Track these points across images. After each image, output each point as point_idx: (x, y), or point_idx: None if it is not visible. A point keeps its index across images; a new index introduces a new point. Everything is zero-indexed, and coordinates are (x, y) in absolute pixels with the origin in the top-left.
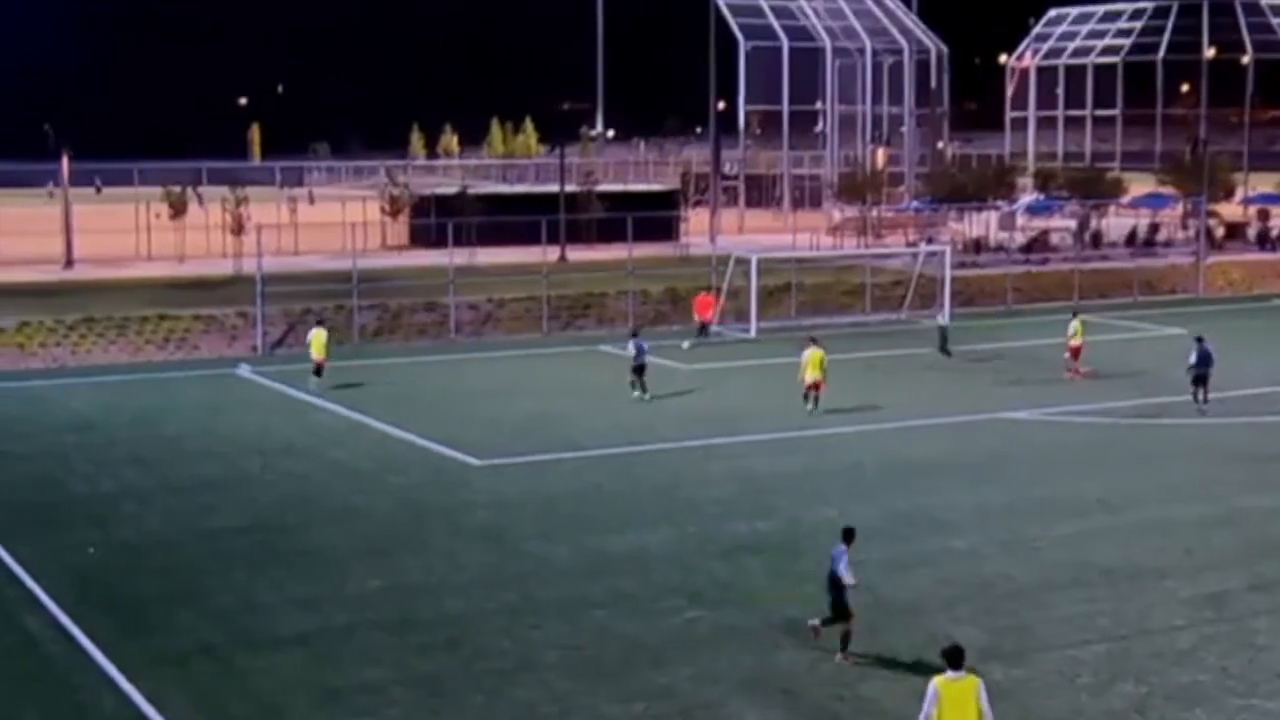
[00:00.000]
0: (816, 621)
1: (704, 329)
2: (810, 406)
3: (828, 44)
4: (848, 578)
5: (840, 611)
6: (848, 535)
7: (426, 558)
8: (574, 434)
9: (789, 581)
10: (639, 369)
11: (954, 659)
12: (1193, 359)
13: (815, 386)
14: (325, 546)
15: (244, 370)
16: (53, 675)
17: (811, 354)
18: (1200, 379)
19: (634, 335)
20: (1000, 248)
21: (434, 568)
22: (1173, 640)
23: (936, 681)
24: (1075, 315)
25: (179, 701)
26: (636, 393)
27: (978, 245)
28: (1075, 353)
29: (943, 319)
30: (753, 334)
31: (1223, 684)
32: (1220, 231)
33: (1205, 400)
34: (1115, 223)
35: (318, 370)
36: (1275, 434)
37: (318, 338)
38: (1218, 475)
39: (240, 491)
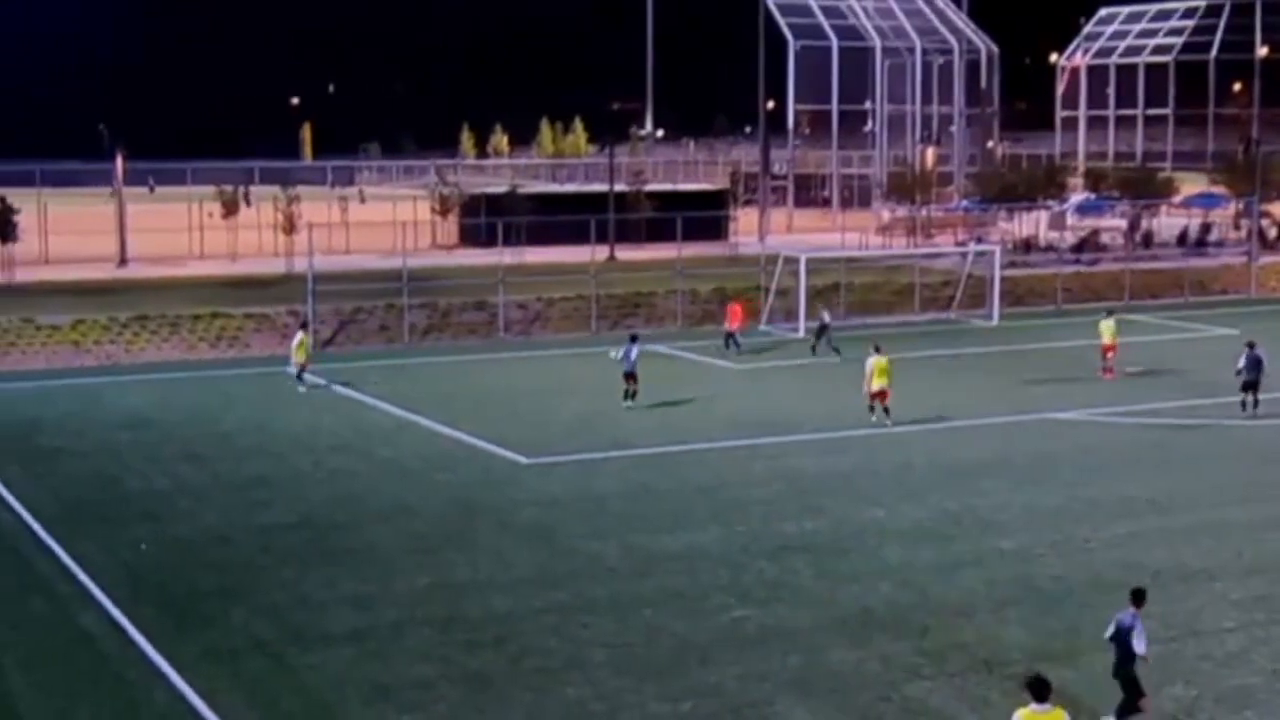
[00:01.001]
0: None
1: (730, 338)
2: (875, 417)
3: (877, 43)
4: (1140, 647)
5: (1133, 691)
6: (1138, 598)
7: (475, 556)
8: (622, 433)
9: (837, 581)
10: (630, 375)
11: (1038, 691)
12: (1241, 364)
13: (881, 396)
14: (375, 544)
15: (292, 371)
16: (106, 670)
17: (876, 362)
18: (1250, 385)
19: (633, 340)
20: (1050, 247)
21: (482, 566)
22: (1223, 642)
23: (1019, 715)
24: (1109, 314)
25: (231, 697)
26: (627, 401)
27: (1027, 245)
28: (1107, 351)
29: (826, 316)
30: (800, 334)
31: (1273, 686)
32: (1273, 232)
33: (1256, 406)
34: (1166, 222)
35: (300, 373)
36: None
37: (301, 342)
38: (1269, 477)
39: (292, 489)
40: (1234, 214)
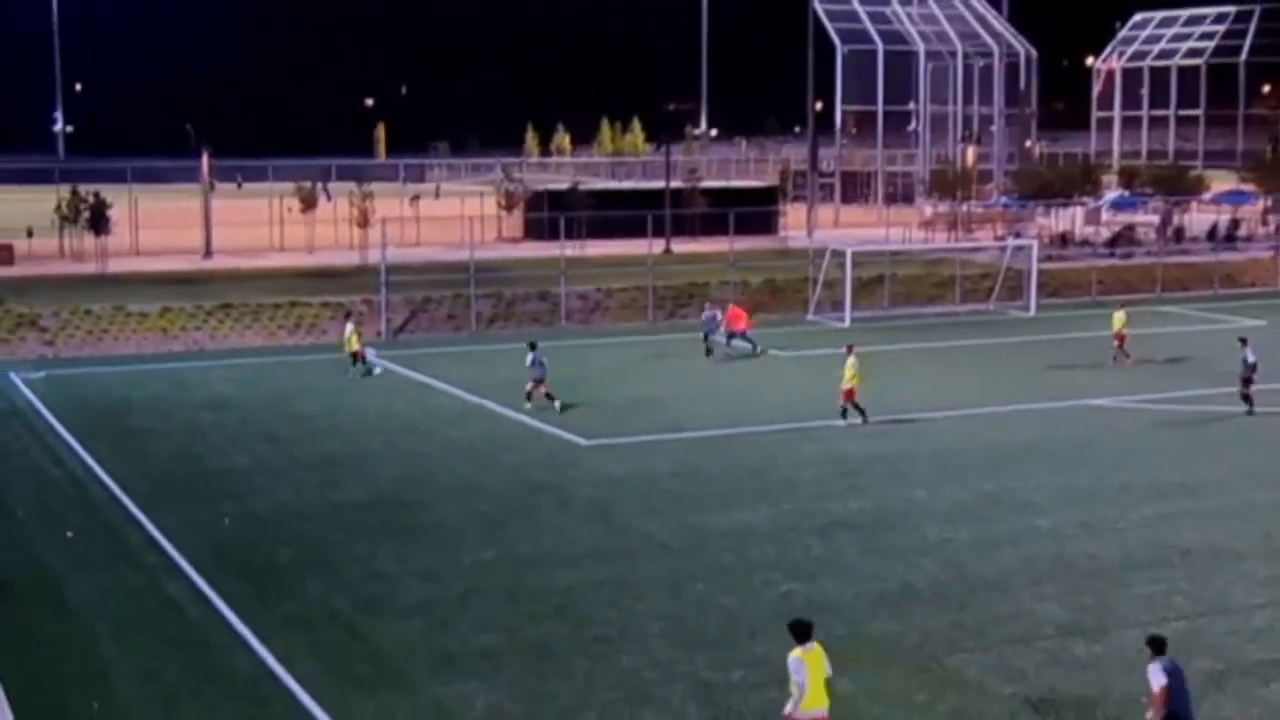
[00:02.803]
0: None
1: (732, 338)
2: (844, 421)
3: (920, 47)
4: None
5: None
6: (1157, 646)
7: (537, 532)
8: (676, 417)
9: (881, 557)
10: (539, 381)
11: (801, 633)
12: (1252, 358)
13: (849, 394)
14: (443, 520)
15: (371, 355)
16: (192, 636)
17: (852, 362)
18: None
19: (532, 348)
20: (1085, 242)
21: (544, 541)
22: (1249, 619)
23: (794, 654)
24: (1121, 307)
25: (307, 662)
26: (557, 402)
27: (1064, 239)
28: (1121, 340)
29: (709, 312)
30: (846, 323)
31: None
32: None
33: (1246, 401)
34: (1197, 218)
35: (355, 358)
36: None
37: (351, 334)
38: None
39: (364, 468)
40: (1262, 210)
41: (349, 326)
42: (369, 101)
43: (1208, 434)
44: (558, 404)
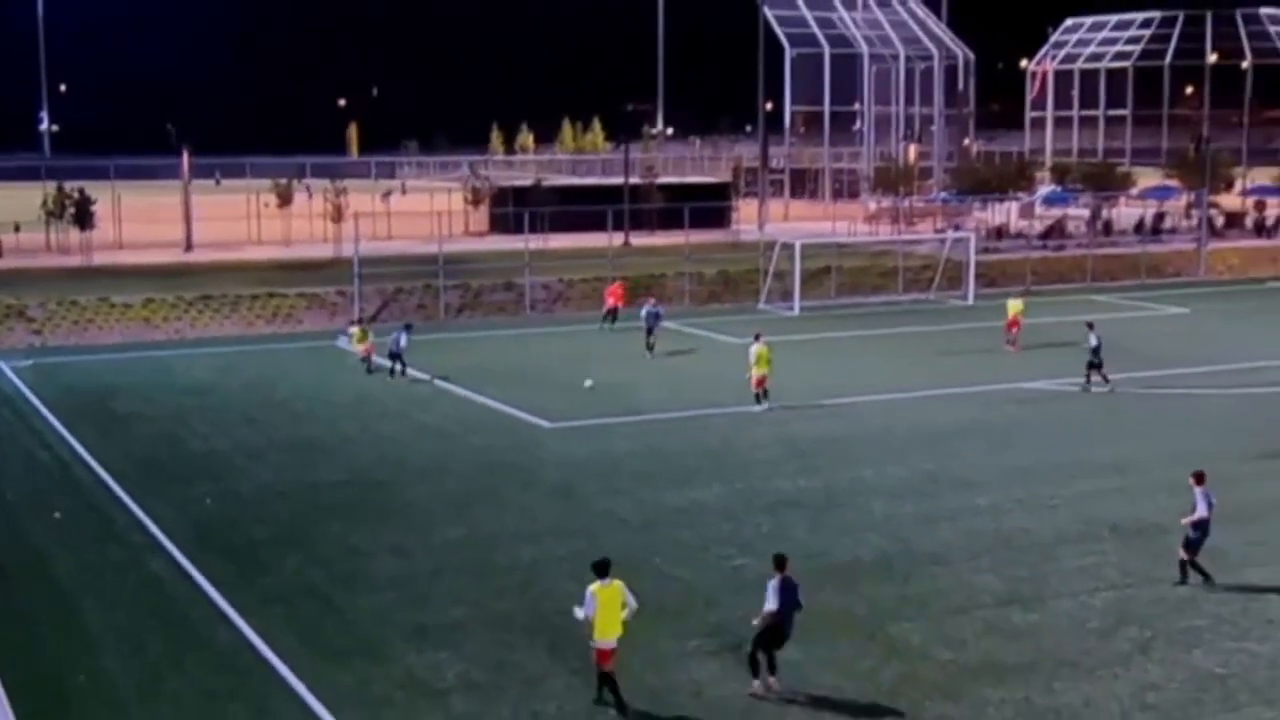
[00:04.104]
0: None
1: (611, 315)
2: (758, 407)
3: (865, 51)
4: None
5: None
6: (779, 563)
7: (503, 511)
8: (635, 400)
9: (829, 533)
10: (395, 355)
11: (601, 569)
12: (1094, 341)
13: (761, 382)
14: (414, 500)
15: (343, 342)
16: (175, 611)
17: (758, 350)
18: (1095, 356)
19: (407, 328)
20: (1020, 234)
21: (509, 520)
22: (1173, 590)
23: (592, 588)
24: (1018, 296)
25: (285, 636)
26: (393, 376)
27: (1000, 232)
28: (1014, 326)
29: (650, 307)
30: (795, 312)
31: (1218, 629)
32: (1220, 220)
33: (1106, 381)
34: (1125, 212)
35: (367, 358)
36: (1268, 404)
37: (356, 335)
38: (1217, 441)
39: (340, 450)
40: (1185, 204)
41: (354, 329)
42: (342, 102)
43: (1134, 415)
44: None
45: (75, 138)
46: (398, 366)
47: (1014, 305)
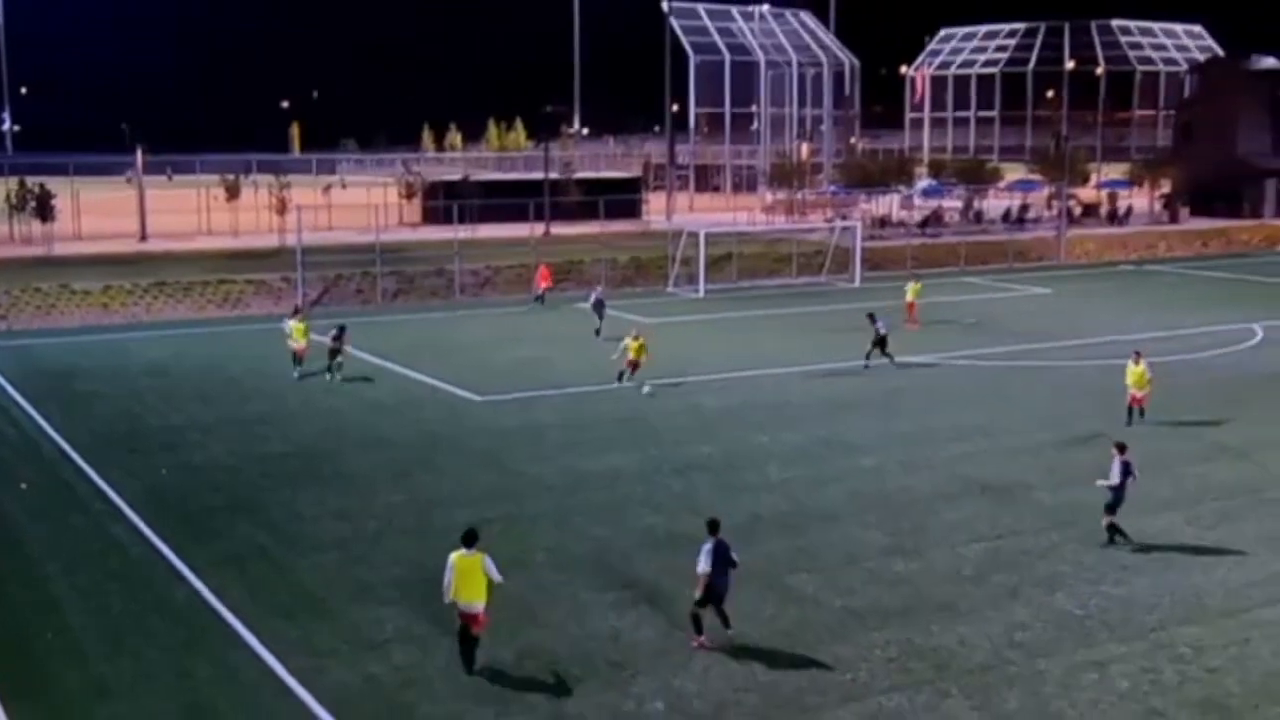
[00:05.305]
0: None
1: (541, 297)
2: (626, 381)
3: (761, 58)
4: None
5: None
6: (712, 527)
7: (439, 477)
8: (558, 376)
9: (731, 493)
10: (335, 352)
11: (467, 540)
12: (883, 330)
13: (634, 366)
14: (357, 468)
15: (288, 325)
16: (135, 573)
17: (631, 342)
18: (881, 342)
19: (342, 329)
20: (901, 223)
21: (444, 485)
22: (1038, 540)
23: (453, 557)
24: (914, 279)
25: (238, 593)
26: (330, 376)
27: (883, 221)
28: (910, 308)
29: (597, 295)
30: (701, 294)
31: (1079, 574)
32: (1078, 210)
33: (892, 359)
34: (993, 203)
35: (297, 357)
36: (1117, 374)
37: (297, 330)
38: (1074, 408)
39: (287, 424)
40: (1047, 196)
41: (292, 324)
42: (285, 104)
43: (1003, 385)
44: (329, 376)
45: (36, 137)
46: (335, 365)
47: (912, 288)
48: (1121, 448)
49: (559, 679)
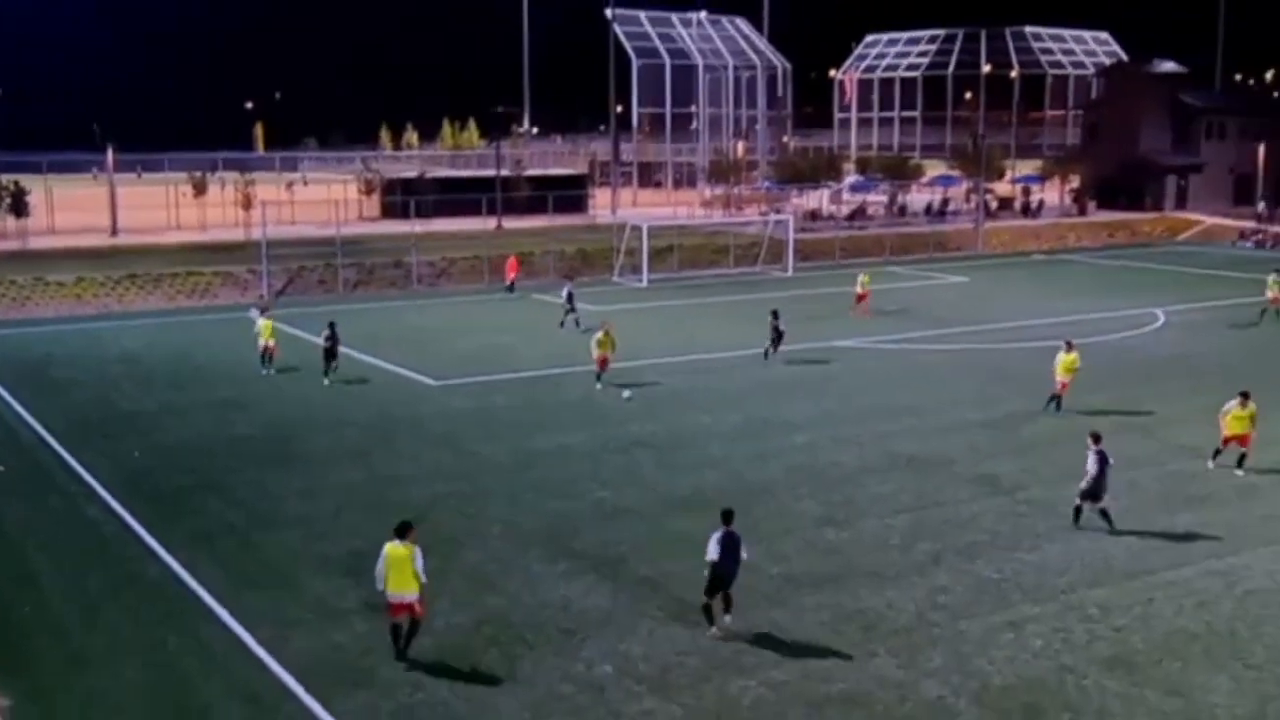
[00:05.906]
0: None
1: (511, 286)
2: (599, 385)
3: (700, 62)
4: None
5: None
6: (726, 518)
7: (396, 457)
8: (510, 361)
9: (674, 470)
10: (330, 352)
11: (401, 531)
12: (782, 327)
13: (603, 363)
14: (319, 448)
15: (254, 314)
16: (109, 550)
17: (602, 336)
18: (778, 339)
19: (332, 325)
20: (830, 217)
21: (402, 464)
22: (959, 511)
23: (386, 548)
24: (864, 272)
25: (208, 569)
26: (327, 380)
27: (814, 215)
28: (861, 298)
29: (570, 287)
30: (644, 284)
31: (996, 543)
32: (994, 204)
33: (770, 355)
34: (916, 197)
35: (267, 355)
36: (1035, 355)
37: (266, 328)
38: (993, 388)
39: (253, 408)
40: (966, 191)
41: (262, 322)
42: (249, 104)
43: (927, 367)
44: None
45: (9, 136)
46: (331, 368)
47: (863, 279)
48: (1096, 438)
49: (513, 644)
